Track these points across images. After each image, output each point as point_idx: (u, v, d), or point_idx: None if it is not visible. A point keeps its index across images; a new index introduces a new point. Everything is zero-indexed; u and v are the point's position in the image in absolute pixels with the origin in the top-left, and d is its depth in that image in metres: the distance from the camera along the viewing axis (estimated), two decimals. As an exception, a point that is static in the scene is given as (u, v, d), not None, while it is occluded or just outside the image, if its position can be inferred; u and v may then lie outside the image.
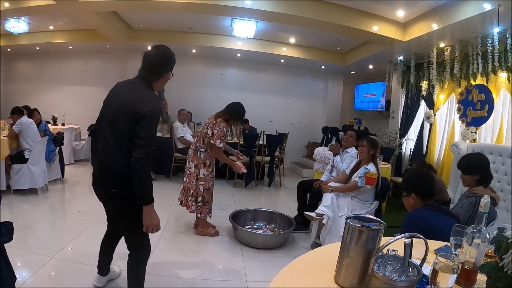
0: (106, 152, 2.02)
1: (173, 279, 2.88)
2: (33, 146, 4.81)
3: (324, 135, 9.10)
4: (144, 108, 1.91)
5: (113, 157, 1.98)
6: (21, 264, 2.83)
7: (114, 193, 2.01)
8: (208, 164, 3.77)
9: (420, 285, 1.18)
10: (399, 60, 6.90)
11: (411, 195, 2.23)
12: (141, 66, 2.11)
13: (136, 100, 1.95)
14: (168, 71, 2.13)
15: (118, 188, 1.99)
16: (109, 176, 2.01)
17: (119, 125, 1.96)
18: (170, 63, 2.13)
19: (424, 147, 6.47)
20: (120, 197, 2.02)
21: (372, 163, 3.61)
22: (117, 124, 1.97)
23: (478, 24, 4.48)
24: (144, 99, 1.96)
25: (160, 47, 2.13)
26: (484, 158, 2.69)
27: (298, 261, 1.34)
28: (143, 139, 1.89)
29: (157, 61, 2.09)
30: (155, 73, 2.10)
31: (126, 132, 1.93)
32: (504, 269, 0.95)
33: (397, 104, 7.51)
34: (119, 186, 1.99)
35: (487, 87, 4.95)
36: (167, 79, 2.18)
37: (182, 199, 3.90)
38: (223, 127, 3.68)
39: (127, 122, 1.93)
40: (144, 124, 1.90)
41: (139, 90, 2.02)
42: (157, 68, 2.09)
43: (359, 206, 3.63)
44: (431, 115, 6.24)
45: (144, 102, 1.94)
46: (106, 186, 2.03)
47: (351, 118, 9.55)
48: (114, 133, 1.98)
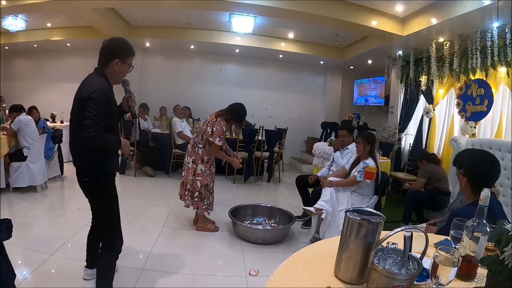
0: (72, 142, 2.20)
1: (172, 274, 2.89)
2: (32, 143, 4.80)
3: (323, 130, 9.11)
4: (87, 92, 1.99)
5: (76, 144, 2.15)
6: (21, 262, 2.84)
7: (85, 182, 2.17)
8: (206, 160, 3.77)
9: (420, 278, 1.18)
10: (398, 55, 6.88)
11: (464, 178, 1.95)
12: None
13: (82, 87, 2.06)
14: (115, 58, 2.15)
15: (89, 177, 2.15)
16: (79, 163, 2.17)
17: (75, 116, 2.08)
18: (116, 50, 2.17)
19: (424, 142, 6.47)
20: (91, 185, 2.18)
21: (371, 158, 3.61)
22: (74, 116, 2.11)
23: (477, 18, 4.46)
24: (88, 84, 2.05)
25: (113, 38, 2.23)
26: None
27: (297, 255, 1.34)
28: (88, 118, 1.95)
29: (104, 49, 2.17)
30: (102, 61, 2.17)
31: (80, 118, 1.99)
32: (504, 262, 0.94)
33: (396, 99, 7.50)
34: (89, 175, 2.14)
35: (486, 81, 4.93)
36: (120, 69, 2.19)
37: (182, 193, 3.91)
38: (222, 126, 3.67)
39: (79, 111, 2.02)
40: (88, 105, 1.96)
41: (87, 79, 2.14)
42: (103, 56, 2.17)
43: (358, 200, 3.63)
44: (430, 110, 6.23)
45: (87, 87, 2.03)
46: (78, 175, 2.18)
47: (350, 113, 9.52)
48: (73, 125, 2.13)
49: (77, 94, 2.09)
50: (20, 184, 4.68)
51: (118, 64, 2.17)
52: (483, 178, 1.86)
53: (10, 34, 7.51)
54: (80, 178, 2.18)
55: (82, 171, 2.16)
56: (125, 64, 2.21)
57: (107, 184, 2.22)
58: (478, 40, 4.84)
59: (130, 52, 2.24)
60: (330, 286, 1.13)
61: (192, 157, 3.78)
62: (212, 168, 3.87)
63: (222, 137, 3.68)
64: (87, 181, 2.16)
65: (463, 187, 1.98)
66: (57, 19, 7.26)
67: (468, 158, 2.00)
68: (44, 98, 8.99)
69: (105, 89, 2.06)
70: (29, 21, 7.16)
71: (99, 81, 2.08)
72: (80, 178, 2.18)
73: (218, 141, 3.65)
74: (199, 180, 3.75)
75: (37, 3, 5.56)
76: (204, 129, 3.74)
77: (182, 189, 3.91)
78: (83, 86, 2.07)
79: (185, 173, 3.84)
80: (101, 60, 2.18)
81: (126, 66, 2.22)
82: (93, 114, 1.95)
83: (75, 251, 3.08)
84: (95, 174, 2.14)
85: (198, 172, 3.75)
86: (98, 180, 2.16)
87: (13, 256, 1.97)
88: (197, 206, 3.79)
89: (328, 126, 8.91)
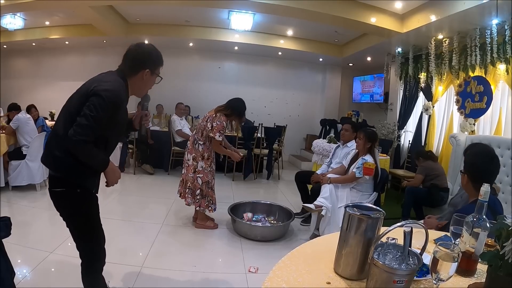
0: (51, 136, 1.85)
1: (172, 272, 2.89)
2: (31, 142, 4.79)
3: (323, 128, 9.09)
4: (97, 87, 1.67)
5: (55, 139, 1.76)
6: (21, 260, 2.84)
7: (57, 192, 1.78)
8: (207, 157, 3.76)
9: (420, 274, 1.18)
10: (397, 52, 6.87)
11: (465, 175, 1.98)
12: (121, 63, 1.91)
13: (94, 80, 1.76)
14: (145, 68, 1.86)
15: (62, 187, 1.77)
16: (54, 164, 1.78)
17: (71, 105, 1.73)
18: (148, 60, 1.89)
19: (423, 139, 6.47)
20: (63, 197, 1.80)
21: (370, 154, 3.62)
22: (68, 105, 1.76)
23: (477, 15, 4.45)
24: (102, 80, 1.74)
25: (143, 44, 1.95)
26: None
27: (297, 251, 1.34)
28: (85, 117, 1.61)
29: (132, 56, 1.87)
30: (129, 69, 1.86)
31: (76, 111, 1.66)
32: (505, 257, 0.94)
33: (396, 96, 7.49)
34: (62, 184, 1.76)
35: (485, 78, 4.93)
36: (148, 80, 1.92)
37: (181, 191, 3.89)
38: (222, 121, 3.66)
39: (79, 102, 1.68)
40: (92, 103, 1.64)
41: (105, 74, 1.82)
42: (131, 64, 1.86)
43: (358, 197, 3.64)
44: (429, 107, 6.23)
45: (100, 81, 1.72)
46: (51, 182, 1.79)
47: (349, 110, 9.53)
48: (63, 115, 1.75)
49: (84, 85, 1.77)
50: (19, 182, 4.68)
51: (148, 75, 1.88)
52: (483, 175, 1.87)
53: (9, 33, 7.48)
54: (51, 186, 1.78)
55: (54, 178, 1.78)
56: (154, 75, 1.93)
57: (84, 198, 1.82)
58: (477, 37, 4.83)
59: (161, 62, 1.97)
60: (330, 282, 1.13)
61: (193, 154, 3.77)
62: (212, 165, 3.86)
63: (222, 132, 3.67)
64: (59, 192, 1.77)
65: (465, 184, 1.98)
66: (56, 17, 7.24)
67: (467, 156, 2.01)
68: (42, 96, 8.97)
69: (119, 94, 1.74)
70: (27, 20, 7.15)
71: (118, 82, 1.77)
72: (51, 187, 1.78)
73: (219, 136, 3.64)
74: (200, 177, 3.74)
75: (35, 1, 5.54)
76: (204, 125, 3.73)
77: (181, 187, 3.90)
78: (95, 79, 1.77)
79: (185, 171, 3.83)
80: (127, 67, 1.86)
81: (155, 77, 1.95)
82: (92, 115, 1.61)
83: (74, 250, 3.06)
84: (70, 184, 1.76)
85: (199, 169, 3.74)
86: (73, 192, 1.77)
87: (12, 255, 1.96)
88: (199, 204, 3.79)
89: (327, 123, 8.91)
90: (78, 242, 1.90)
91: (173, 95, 8.56)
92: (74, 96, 1.77)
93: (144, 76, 1.88)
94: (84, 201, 1.83)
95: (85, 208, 1.85)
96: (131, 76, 1.86)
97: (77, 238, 1.90)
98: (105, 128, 1.71)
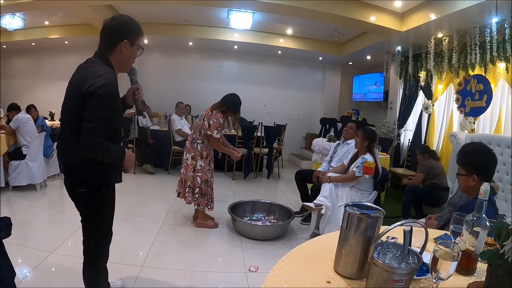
0: (62, 145, 1.86)
1: (172, 271, 2.89)
2: (31, 142, 4.79)
3: (322, 126, 9.10)
4: (93, 86, 1.62)
5: (68, 149, 1.78)
6: (21, 260, 2.84)
7: (82, 193, 1.81)
8: (205, 155, 3.77)
9: (420, 273, 1.18)
10: (397, 50, 6.86)
11: (472, 176, 1.91)
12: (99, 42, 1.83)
13: (84, 78, 1.68)
14: (123, 38, 1.77)
15: (86, 188, 1.80)
16: (73, 173, 1.80)
17: (71, 112, 1.72)
18: (125, 30, 1.79)
19: (423, 138, 6.47)
20: (87, 199, 1.82)
21: (369, 153, 3.61)
22: (68, 113, 1.75)
23: (476, 14, 4.45)
24: (93, 76, 1.67)
25: (117, 16, 1.84)
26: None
27: (297, 250, 1.34)
28: (90, 121, 1.61)
29: (107, 30, 1.78)
30: (107, 44, 1.79)
31: (78, 117, 1.66)
32: (504, 256, 0.94)
33: (395, 95, 7.49)
34: (87, 185, 1.80)
35: (485, 77, 4.93)
36: (129, 52, 1.83)
37: (180, 190, 3.90)
38: (219, 118, 3.67)
39: (76, 106, 1.66)
40: (92, 104, 1.62)
41: (90, 67, 1.73)
42: (108, 37, 1.78)
43: (358, 196, 3.64)
44: (429, 105, 6.23)
45: (92, 79, 1.65)
46: (73, 185, 1.82)
47: (349, 109, 9.52)
48: (67, 122, 1.77)
49: (75, 85, 1.72)
50: (19, 182, 4.67)
51: (127, 46, 1.79)
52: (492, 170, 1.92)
53: (8, 33, 7.47)
54: (74, 188, 1.81)
55: (75, 181, 1.81)
56: (135, 46, 1.84)
57: (106, 196, 1.88)
58: (477, 35, 4.83)
59: (140, 32, 1.87)
60: (330, 281, 1.13)
61: (191, 153, 3.77)
62: (211, 163, 3.86)
63: (219, 129, 3.69)
64: (82, 192, 1.80)
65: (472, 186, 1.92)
66: (55, 17, 7.23)
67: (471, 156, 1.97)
68: (42, 96, 8.95)
69: (113, 83, 1.71)
70: (26, 19, 7.14)
71: (107, 73, 1.70)
72: (74, 188, 1.81)
73: (216, 133, 3.65)
74: (199, 176, 3.75)
75: (34, 1, 5.54)
76: (201, 124, 3.74)
77: (180, 187, 3.91)
78: (85, 76, 1.69)
79: (184, 170, 3.84)
80: (105, 44, 1.79)
81: (136, 48, 1.85)
82: (96, 115, 1.61)
83: (75, 249, 3.06)
84: (94, 186, 1.81)
85: (198, 168, 3.75)
86: (97, 192, 1.82)
87: (12, 255, 1.97)
88: (198, 203, 3.79)
89: (327, 122, 8.91)
90: (88, 238, 1.91)
91: (172, 94, 8.57)
92: (69, 101, 1.75)
93: (124, 48, 1.79)
94: (105, 199, 1.87)
95: (105, 206, 1.89)
96: (110, 53, 1.80)
97: (88, 234, 1.91)
98: (110, 120, 1.71)
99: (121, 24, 1.79)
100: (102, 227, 1.92)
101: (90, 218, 1.88)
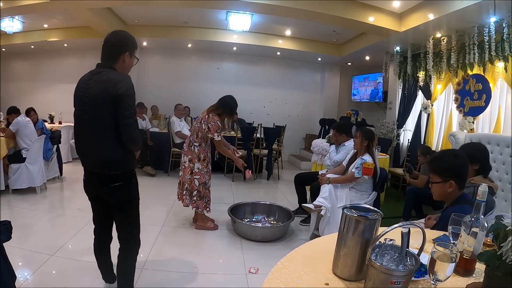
0: (97, 149, 2.01)
1: (172, 273, 2.90)
2: (31, 145, 4.80)
3: (322, 127, 9.10)
4: (121, 89, 1.91)
5: (106, 147, 1.99)
6: (21, 263, 2.84)
7: (117, 187, 2.05)
8: (203, 158, 3.77)
9: (418, 274, 1.18)
10: (396, 50, 6.88)
11: (449, 182, 1.86)
12: (101, 54, 2.11)
13: (109, 84, 1.94)
14: (125, 51, 2.09)
15: (120, 181, 2.05)
16: (113, 167, 2.03)
17: (102, 116, 1.94)
18: (126, 44, 2.10)
19: (422, 138, 6.47)
20: (123, 190, 2.08)
21: (368, 154, 3.62)
22: (99, 116, 1.95)
23: (475, 13, 4.46)
24: (116, 81, 1.95)
25: (114, 31, 2.13)
26: (483, 148, 2.68)
27: (296, 252, 1.34)
28: (128, 117, 1.94)
29: (111, 44, 2.08)
30: (111, 56, 2.07)
31: (110, 119, 1.94)
32: (502, 257, 0.94)
33: (394, 95, 7.50)
34: (121, 179, 2.06)
35: (484, 76, 4.93)
36: (129, 62, 2.15)
37: (180, 193, 3.91)
38: (217, 121, 3.68)
39: (108, 109, 1.93)
40: (126, 103, 1.93)
41: (107, 75, 1.99)
42: (111, 51, 2.08)
43: (357, 197, 3.64)
44: (428, 105, 6.23)
45: (117, 83, 1.93)
46: (107, 182, 2.05)
47: (348, 109, 9.52)
48: (97, 124, 1.97)
49: (100, 92, 1.94)
50: (19, 185, 4.68)
51: (128, 57, 2.12)
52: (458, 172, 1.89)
53: (7, 36, 7.47)
54: (110, 183, 2.05)
55: (113, 176, 2.04)
56: (133, 57, 2.18)
57: (136, 180, 2.19)
58: (475, 35, 4.83)
59: (136, 45, 2.20)
60: (328, 283, 1.13)
61: (189, 156, 3.78)
62: (209, 166, 3.87)
63: (219, 131, 3.70)
64: (118, 186, 2.05)
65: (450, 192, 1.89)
66: (54, 20, 7.24)
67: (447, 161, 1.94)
68: (42, 99, 8.98)
69: (133, 85, 2.02)
70: (25, 22, 7.14)
71: (125, 77, 2.01)
72: (110, 184, 2.05)
73: (217, 136, 3.66)
74: (196, 178, 3.75)
75: (33, 4, 5.54)
76: (199, 127, 3.74)
77: (179, 189, 3.92)
78: (108, 84, 1.94)
79: (182, 173, 3.85)
80: (108, 56, 2.08)
81: (133, 59, 2.19)
82: (131, 112, 1.95)
83: (75, 252, 3.08)
84: (127, 176, 2.09)
85: (195, 171, 3.75)
86: (130, 183, 2.12)
87: (13, 258, 1.97)
88: (197, 205, 3.79)
89: (327, 123, 8.92)
90: (126, 228, 2.20)
91: (172, 96, 8.58)
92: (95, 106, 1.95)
93: (126, 59, 2.11)
94: (137, 188, 2.19)
95: (137, 194, 2.21)
96: (114, 63, 2.08)
97: (126, 225, 2.20)
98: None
99: (124, 38, 2.12)
100: (136, 214, 2.23)
101: (128, 204, 2.16)
